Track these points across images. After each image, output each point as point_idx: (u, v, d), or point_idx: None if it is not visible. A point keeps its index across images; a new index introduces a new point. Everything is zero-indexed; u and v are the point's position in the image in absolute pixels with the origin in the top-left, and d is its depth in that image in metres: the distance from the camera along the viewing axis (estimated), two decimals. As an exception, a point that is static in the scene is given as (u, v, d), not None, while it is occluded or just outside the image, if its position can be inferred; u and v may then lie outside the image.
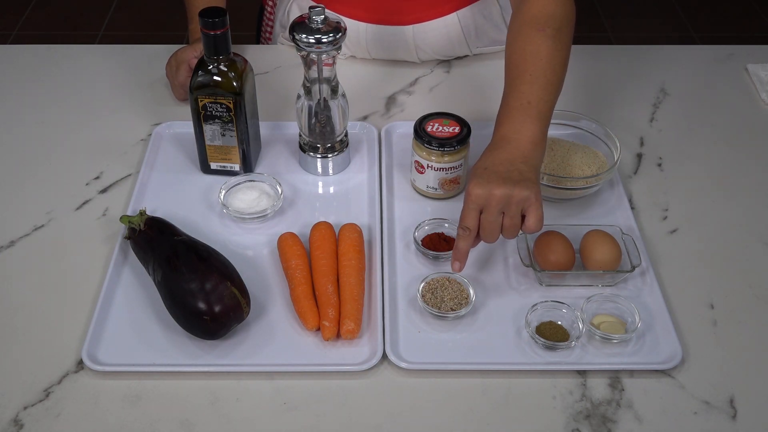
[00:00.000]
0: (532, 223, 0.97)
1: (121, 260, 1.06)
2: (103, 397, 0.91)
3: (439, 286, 1.01)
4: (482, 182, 0.97)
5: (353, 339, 0.97)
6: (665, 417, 0.90)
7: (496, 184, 0.96)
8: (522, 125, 1.02)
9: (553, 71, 1.05)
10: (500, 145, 1.01)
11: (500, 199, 0.96)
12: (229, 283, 0.94)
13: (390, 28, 1.35)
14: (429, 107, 1.21)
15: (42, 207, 1.15)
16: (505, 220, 0.97)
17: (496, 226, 0.98)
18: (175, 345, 0.96)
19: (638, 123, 1.32)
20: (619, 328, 0.97)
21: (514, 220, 0.97)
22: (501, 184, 0.96)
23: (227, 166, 1.18)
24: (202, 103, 1.11)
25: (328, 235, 1.06)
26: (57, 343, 0.97)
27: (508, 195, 0.96)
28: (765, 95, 1.37)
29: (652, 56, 1.47)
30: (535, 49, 1.05)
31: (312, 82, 1.12)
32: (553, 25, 1.07)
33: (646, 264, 1.06)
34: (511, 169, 0.98)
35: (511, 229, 0.98)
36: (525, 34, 1.07)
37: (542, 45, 1.05)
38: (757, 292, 1.04)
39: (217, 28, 1.05)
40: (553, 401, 0.92)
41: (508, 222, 0.97)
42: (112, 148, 1.25)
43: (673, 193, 1.19)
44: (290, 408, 0.91)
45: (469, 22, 1.36)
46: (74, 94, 1.36)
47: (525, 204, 0.96)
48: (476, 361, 0.95)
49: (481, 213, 0.98)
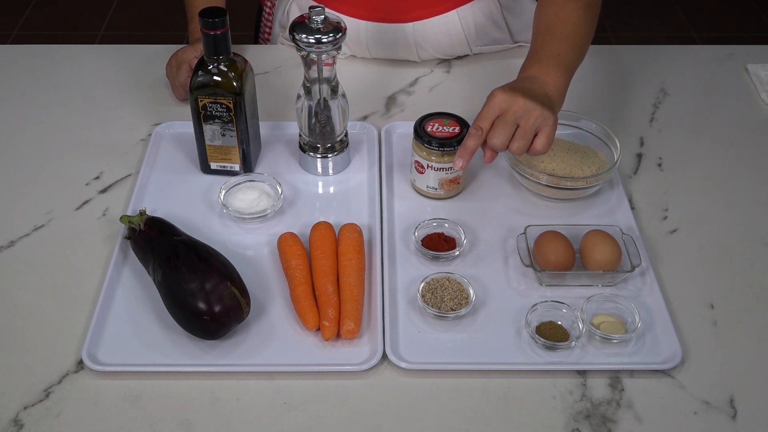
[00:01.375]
0: (542, 142, 0.99)
1: (121, 260, 1.06)
2: (103, 397, 0.91)
3: (439, 286, 1.01)
4: (508, 90, 1.00)
5: (353, 339, 0.97)
6: (665, 417, 0.90)
7: (522, 94, 0.99)
8: (550, 70, 1.06)
9: (581, 36, 1.11)
10: (527, 79, 1.06)
11: (522, 107, 0.98)
12: (229, 283, 0.94)
13: (390, 26, 1.35)
14: (429, 107, 1.21)
15: (42, 207, 1.15)
16: (518, 130, 0.99)
17: (508, 131, 0.99)
18: (175, 345, 0.96)
19: (638, 123, 1.32)
20: (619, 328, 0.97)
21: (527, 133, 0.99)
22: (526, 97, 0.99)
23: (227, 166, 1.18)
24: (202, 103, 1.11)
25: (328, 235, 1.06)
26: (57, 343, 0.97)
27: (530, 107, 0.98)
28: (765, 95, 1.37)
29: (652, 56, 1.47)
30: (567, 15, 1.11)
31: (312, 82, 1.12)
32: None
33: (646, 264, 1.06)
34: (538, 93, 1.02)
35: (521, 141, 0.99)
36: (558, 2, 1.13)
37: (573, 12, 1.12)
38: (757, 292, 1.04)
39: (217, 28, 1.05)
40: (553, 401, 0.92)
41: (520, 133, 0.99)
42: (112, 148, 1.25)
43: (673, 193, 1.19)
44: (290, 408, 0.91)
45: (469, 20, 1.37)
46: (74, 94, 1.36)
47: (542, 122, 0.99)
48: (476, 361, 0.95)
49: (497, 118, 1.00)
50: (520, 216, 1.13)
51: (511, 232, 1.10)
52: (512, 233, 1.10)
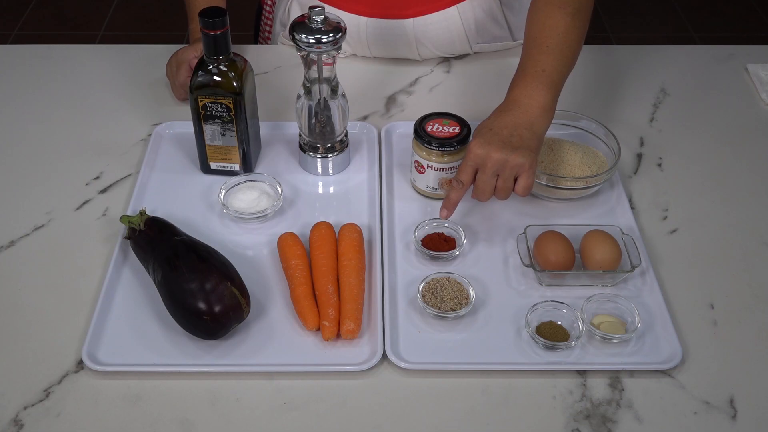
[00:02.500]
0: (520, 188, 1.04)
1: (121, 260, 1.06)
2: (103, 397, 0.91)
3: (439, 286, 1.01)
4: (483, 143, 1.03)
5: (353, 339, 0.97)
6: (665, 417, 0.90)
7: (495, 147, 1.02)
8: (534, 90, 1.08)
9: (569, 46, 1.11)
10: (510, 107, 1.08)
11: (496, 162, 1.02)
12: (229, 283, 0.94)
13: (390, 22, 1.36)
14: (429, 107, 1.21)
15: (42, 207, 1.15)
16: (499, 182, 1.04)
17: (489, 186, 1.04)
18: (175, 345, 0.96)
19: (638, 123, 1.32)
20: (619, 328, 0.97)
21: (507, 183, 1.04)
22: (500, 149, 1.02)
23: (227, 166, 1.18)
24: (202, 103, 1.11)
25: (328, 235, 1.06)
26: (57, 343, 0.97)
27: (504, 160, 1.02)
28: (765, 95, 1.37)
29: (652, 56, 1.47)
30: (554, 23, 1.11)
31: (312, 82, 1.12)
32: (573, 5, 1.12)
33: (646, 264, 1.06)
34: (514, 134, 1.04)
35: (503, 191, 1.05)
36: (546, 10, 1.13)
37: (561, 21, 1.11)
38: (757, 292, 1.04)
39: (217, 28, 1.05)
40: (553, 401, 0.92)
41: (501, 184, 1.04)
42: (112, 148, 1.25)
43: (673, 193, 1.19)
44: (290, 408, 0.91)
45: (469, 17, 1.37)
46: (74, 94, 1.36)
47: (519, 170, 1.03)
48: (476, 361, 0.95)
49: (477, 172, 1.04)
50: (520, 216, 1.13)
51: (511, 232, 1.10)
52: (512, 233, 1.10)
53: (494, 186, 1.04)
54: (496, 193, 1.05)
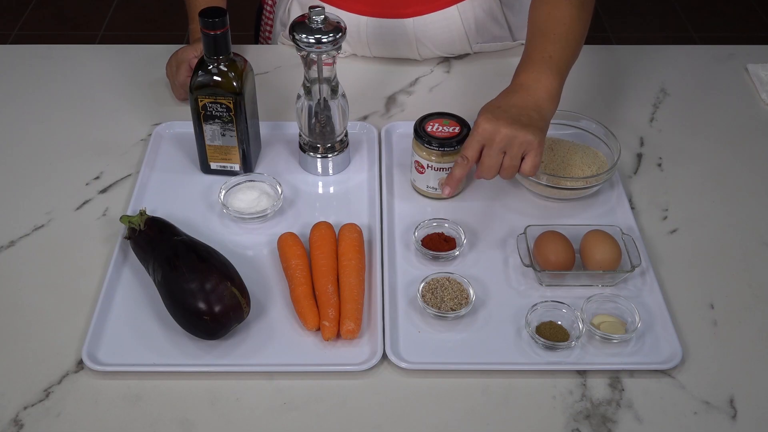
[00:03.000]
0: (528, 167, 1.02)
1: (121, 260, 1.06)
2: (103, 397, 0.91)
3: (439, 286, 1.01)
4: (491, 118, 1.02)
5: (353, 339, 0.97)
6: (665, 417, 0.90)
7: (504, 122, 1.01)
8: (541, 75, 1.07)
9: (575, 37, 1.12)
10: (517, 90, 1.07)
11: (504, 137, 1.00)
12: (229, 283, 0.94)
13: (390, 21, 1.36)
14: (429, 107, 1.21)
15: (42, 207, 1.15)
16: (505, 159, 1.02)
17: (495, 162, 1.02)
18: (175, 345, 0.96)
19: (638, 123, 1.32)
20: (619, 328, 0.97)
21: (514, 161, 1.02)
22: (509, 124, 1.01)
23: (227, 166, 1.18)
24: (202, 103, 1.11)
25: (328, 235, 1.06)
26: (57, 343, 0.97)
27: (513, 135, 1.00)
28: (765, 95, 1.37)
29: (652, 56, 1.47)
30: (561, 14, 1.12)
31: (312, 82, 1.12)
32: None
33: (646, 264, 1.06)
34: (522, 113, 1.03)
35: (509, 169, 1.03)
36: (552, 1, 1.14)
37: (567, 11, 1.12)
38: (757, 292, 1.04)
39: (217, 28, 1.05)
40: (553, 401, 0.92)
41: (507, 162, 1.02)
42: (112, 148, 1.25)
43: (673, 193, 1.19)
44: (290, 408, 0.91)
45: (469, 16, 1.37)
46: (74, 94, 1.36)
47: (527, 147, 1.01)
48: (476, 361, 0.95)
49: (483, 148, 1.02)
50: (520, 216, 1.13)
51: (511, 232, 1.10)
52: (512, 233, 1.10)
53: (500, 163, 1.03)
54: (502, 171, 1.03)
